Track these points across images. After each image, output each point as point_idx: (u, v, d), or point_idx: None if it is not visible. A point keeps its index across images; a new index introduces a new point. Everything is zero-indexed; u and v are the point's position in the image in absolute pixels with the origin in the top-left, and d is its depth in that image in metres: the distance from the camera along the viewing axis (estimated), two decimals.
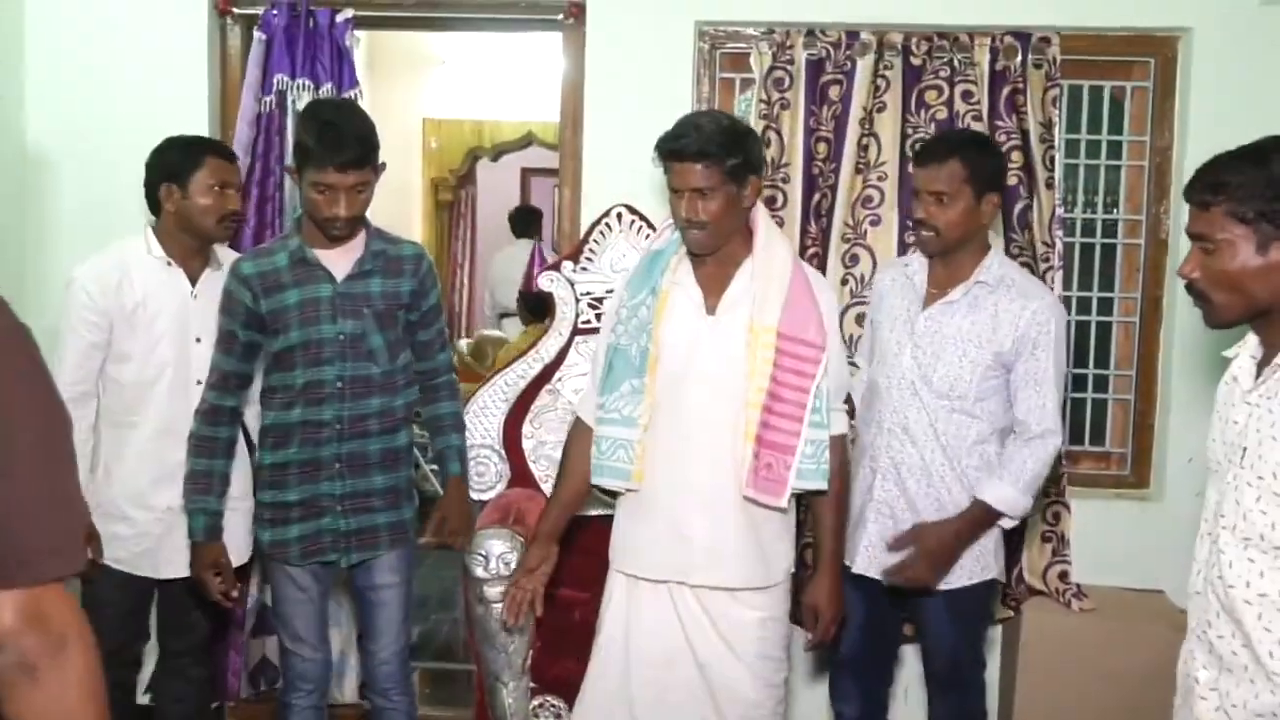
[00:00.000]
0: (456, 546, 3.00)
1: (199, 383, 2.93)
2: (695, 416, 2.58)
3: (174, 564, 2.97)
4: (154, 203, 3.00)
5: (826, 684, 3.22)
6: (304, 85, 3.58)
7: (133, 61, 3.66)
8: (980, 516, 2.80)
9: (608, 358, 2.67)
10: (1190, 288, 1.91)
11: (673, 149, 2.53)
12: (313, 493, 2.82)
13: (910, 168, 2.89)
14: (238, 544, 2.99)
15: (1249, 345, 1.91)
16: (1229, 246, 1.81)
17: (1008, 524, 2.84)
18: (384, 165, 2.83)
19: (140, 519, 2.94)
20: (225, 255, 3.10)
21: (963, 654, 2.92)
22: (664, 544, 2.62)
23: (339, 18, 3.60)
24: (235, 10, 3.71)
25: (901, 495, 2.85)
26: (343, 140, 2.67)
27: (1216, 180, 1.83)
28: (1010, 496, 2.77)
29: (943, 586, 2.82)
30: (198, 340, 2.97)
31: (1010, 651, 3.44)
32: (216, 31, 3.73)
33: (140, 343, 2.93)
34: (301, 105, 3.53)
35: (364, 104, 3.65)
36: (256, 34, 3.61)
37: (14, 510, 1.21)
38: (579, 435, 2.78)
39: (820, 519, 2.71)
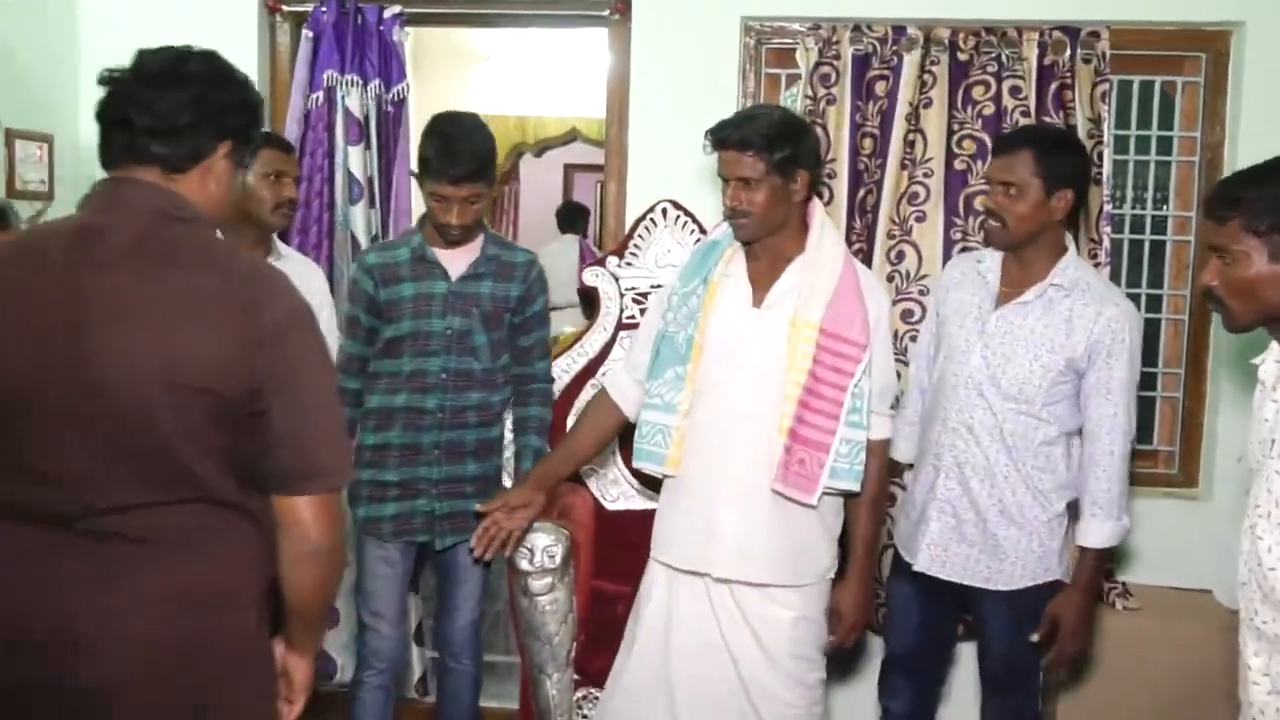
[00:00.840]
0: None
1: None
2: (735, 408, 2.61)
3: None
4: None
5: (873, 678, 3.20)
6: (352, 81, 3.61)
7: None
8: (1096, 562, 2.76)
9: (655, 344, 2.71)
10: (1209, 294, 2.06)
11: (720, 137, 2.57)
12: (411, 475, 3.00)
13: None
14: None
15: (1273, 351, 2.05)
16: (1245, 257, 1.98)
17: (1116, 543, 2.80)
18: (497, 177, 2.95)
19: None
20: (284, 247, 3.23)
21: (1021, 656, 2.84)
22: (696, 534, 2.65)
23: (386, 14, 3.63)
24: (284, 8, 3.75)
25: (964, 494, 2.79)
26: (457, 156, 2.84)
27: (1232, 196, 2.00)
28: (1112, 529, 2.73)
29: (1004, 587, 2.78)
30: None
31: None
32: (266, 30, 3.78)
33: None
34: (351, 100, 3.60)
35: (410, 99, 3.70)
36: (304, 32, 3.64)
37: (314, 439, 1.75)
38: (597, 402, 2.93)
39: (854, 523, 2.71)
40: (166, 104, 1.74)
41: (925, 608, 2.92)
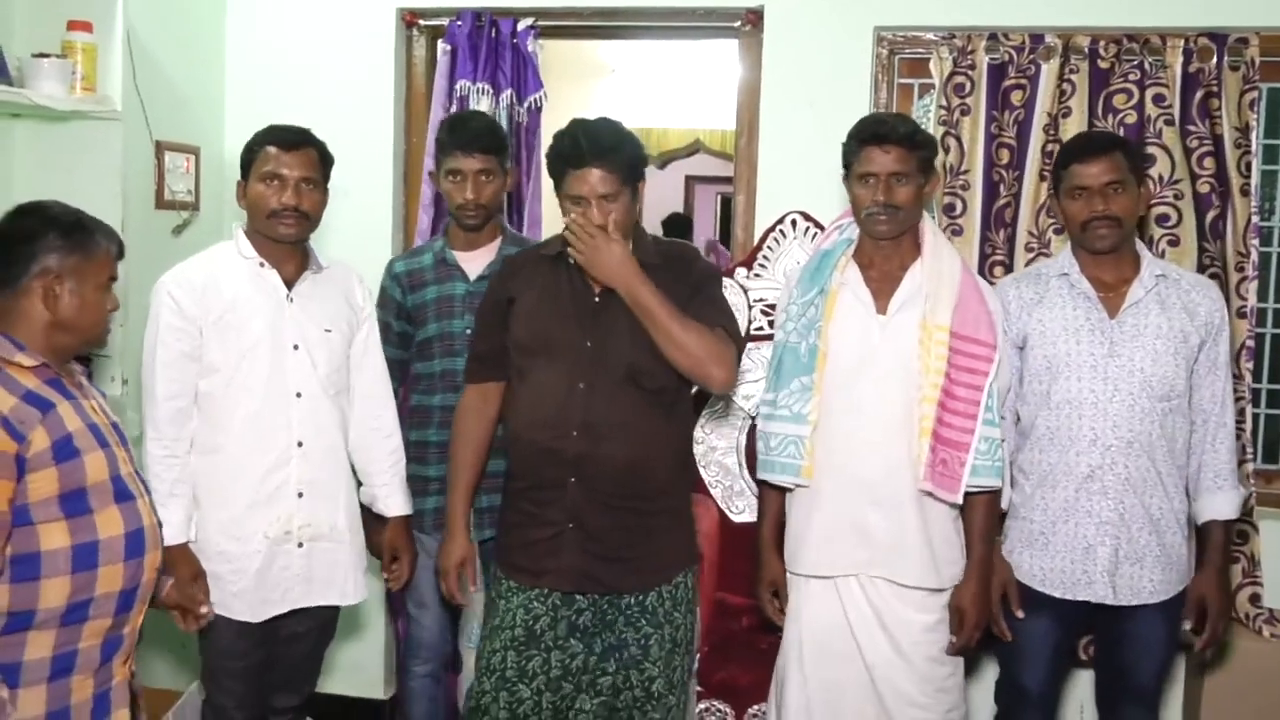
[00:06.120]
0: None
1: (299, 395, 2.78)
2: (869, 413, 2.65)
3: (269, 603, 2.78)
4: None
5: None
6: (483, 90, 3.65)
7: (323, 72, 3.82)
8: (1225, 536, 2.81)
9: (776, 354, 2.76)
10: None
11: (880, 132, 2.63)
12: (449, 470, 2.96)
13: (1064, 167, 2.78)
14: (341, 584, 2.88)
15: None
16: None
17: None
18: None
19: (234, 552, 2.73)
20: (326, 258, 2.92)
21: (1171, 662, 2.82)
22: (839, 539, 2.67)
23: (520, 25, 3.68)
24: (421, 22, 3.83)
25: (1141, 508, 2.69)
26: (467, 127, 3.07)
27: None
28: (1240, 498, 2.81)
29: (1164, 597, 2.73)
30: (295, 348, 2.78)
31: (1194, 680, 3.28)
32: (403, 42, 3.86)
33: (231, 351, 2.72)
34: (480, 109, 3.60)
35: (545, 108, 3.73)
36: (441, 45, 3.71)
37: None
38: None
39: (970, 522, 2.71)
40: None
41: (1060, 639, 2.84)
